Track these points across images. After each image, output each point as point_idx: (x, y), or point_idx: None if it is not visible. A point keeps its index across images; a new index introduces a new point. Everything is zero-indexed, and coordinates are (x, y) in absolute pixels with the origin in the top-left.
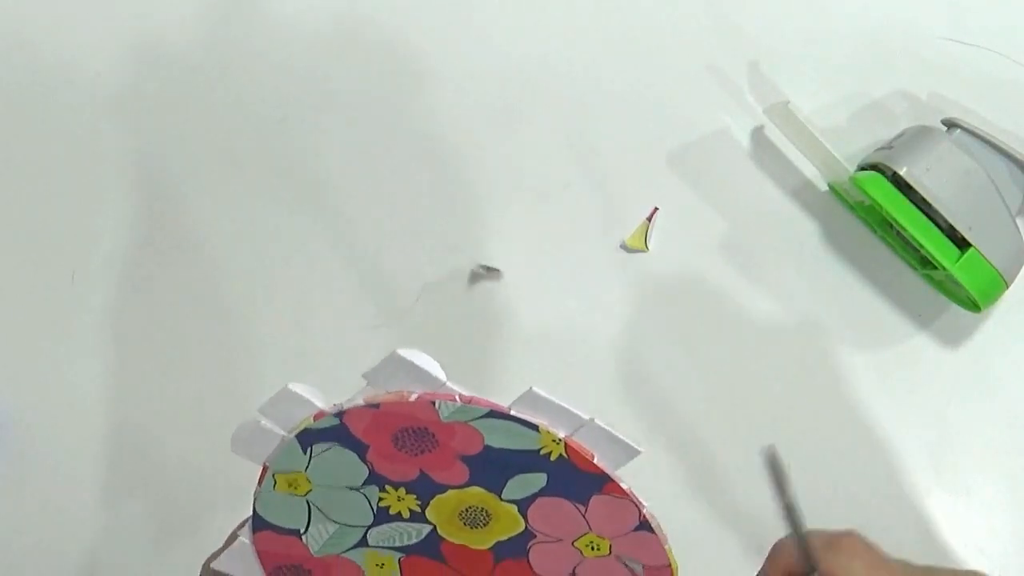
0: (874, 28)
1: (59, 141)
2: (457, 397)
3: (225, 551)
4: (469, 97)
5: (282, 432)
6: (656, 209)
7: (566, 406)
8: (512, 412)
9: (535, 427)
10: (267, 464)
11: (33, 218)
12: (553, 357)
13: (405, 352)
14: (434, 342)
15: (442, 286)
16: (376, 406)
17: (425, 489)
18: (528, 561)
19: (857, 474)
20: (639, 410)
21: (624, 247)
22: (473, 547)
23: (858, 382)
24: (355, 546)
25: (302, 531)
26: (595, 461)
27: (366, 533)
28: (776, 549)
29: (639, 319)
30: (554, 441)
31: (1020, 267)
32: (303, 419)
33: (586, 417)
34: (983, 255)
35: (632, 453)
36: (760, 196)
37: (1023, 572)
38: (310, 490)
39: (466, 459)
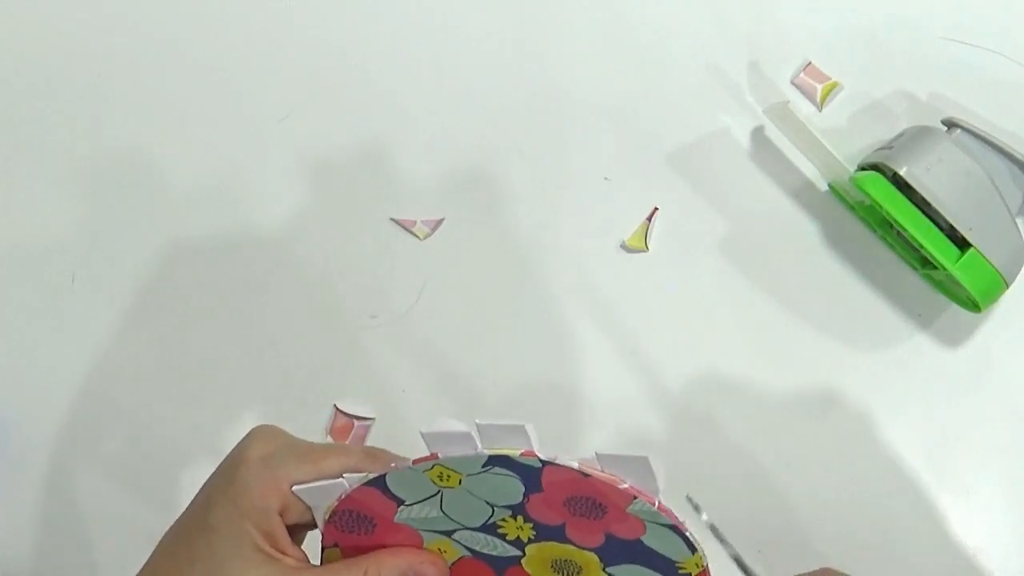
0: (874, 28)
1: (59, 141)
2: (657, 504)
3: (320, 483)
4: (466, 96)
5: (480, 445)
6: (656, 209)
7: (737, 554)
8: (687, 533)
9: (694, 551)
10: (439, 455)
11: (33, 219)
12: (552, 356)
13: (654, 460)
14: (434, 341)
15: (442, 285)
16: (585, 475)
17: (550, 534)
18: None
19: (856, 474)
20: (638, 409)
21: (624, 247)
22: None
23: (858, 382)
24: (437, 531)
25: (407, 503)
26: None
27: (457, 530)
28: None
29: (639, 319)
30: (697, 565)
31: (1020, 267)
32: (509, 448)
33: (753, 570)
34: (983, 255)
35: None
36: (760, 196)
37: (1023, 572)
38: (452, 487)
39: (611, 536)
